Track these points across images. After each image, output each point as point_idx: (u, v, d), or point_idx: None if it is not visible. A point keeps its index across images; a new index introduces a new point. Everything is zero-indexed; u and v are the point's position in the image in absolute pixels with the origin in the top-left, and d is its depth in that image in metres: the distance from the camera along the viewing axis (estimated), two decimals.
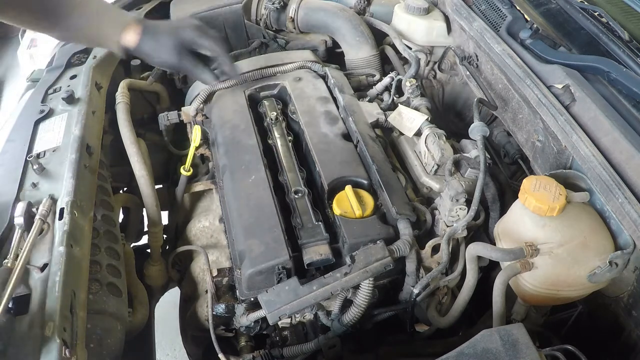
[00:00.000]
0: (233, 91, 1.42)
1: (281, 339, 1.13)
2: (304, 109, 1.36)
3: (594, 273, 0.96)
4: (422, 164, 1.28)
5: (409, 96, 1.45)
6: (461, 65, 1.55)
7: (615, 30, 1.29)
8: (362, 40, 1.66)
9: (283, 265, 1.02)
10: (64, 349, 0.79)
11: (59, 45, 1.58)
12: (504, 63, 1.29)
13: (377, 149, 1.25)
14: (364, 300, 1.03)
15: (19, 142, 1.18)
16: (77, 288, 0.90)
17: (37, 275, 0.89)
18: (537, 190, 0.99)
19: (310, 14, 1.73)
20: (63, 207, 1.00)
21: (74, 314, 0.86)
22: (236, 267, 1.10)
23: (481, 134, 1.18)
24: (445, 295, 1.12)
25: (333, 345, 1.07)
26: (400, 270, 1.09)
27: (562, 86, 1.17)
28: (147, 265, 1.35)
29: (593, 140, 1.05)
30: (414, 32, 1.68)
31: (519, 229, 1.03)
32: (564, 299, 1.03)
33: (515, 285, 1.04)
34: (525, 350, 0.80)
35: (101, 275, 1.03)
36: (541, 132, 1.21)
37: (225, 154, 1.26)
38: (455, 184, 1.09)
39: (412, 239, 1.08)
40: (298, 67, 1.50)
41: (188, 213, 1.38)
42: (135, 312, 1.15)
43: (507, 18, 1.41)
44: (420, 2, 1.67)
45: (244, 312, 1.07)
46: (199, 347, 1.20)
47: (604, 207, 1.02)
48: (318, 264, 1.05)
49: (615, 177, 0.97)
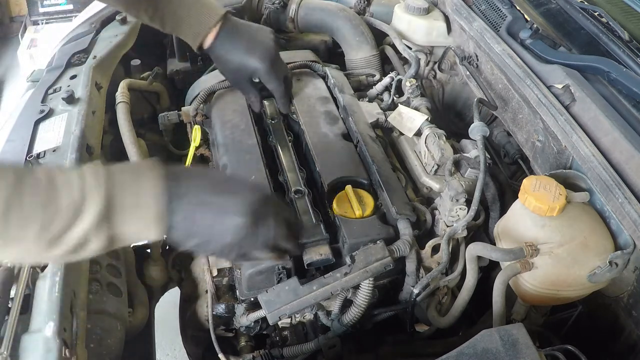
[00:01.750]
0: (233, 91, 1.42)
1: (281, 339, 1.13)
2: (304, 109, 1.36)
3: (594, 273, 0.96)
4: (422, 164, 1.28)
5: (409, 96, 1.45)
6: (461, 65, 1.55)
7: (615, 30, 1.29)
8: (362, 40, 1.66)
9: (283, 265, 1.02)
10: (64, 349, 0.79)
11: (59, 45, 1.58)
12: (504, 63, 1.29)
13: (377, 149, 1.25)
14: (364, 300, 1.03)
15: (19, 142, 1.18)
16: (77, 288, 0.90)
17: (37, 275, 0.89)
18: (537, 190, 0.99)
19: (310, 14, 1.73)
20: None
21: (74, 314, 0.86)
22: (236, 267, 1.10)
23: (481, 134, 1.18)
24: (445, 295, 1.12)
25: (333, 345, 1.07)
26: (400, 270, 1.09)
27: (562, 86, 1.17)
28: (147, 265, 1.35)
29: (593, 140, 1.05)
30: (414, 32, 1.68)
31: (519, 229, 1.03)
32: (564, 299, 1.03)
33: (515, 285, 1.04)
34: (525, 350, 0.80)
35: (101, 275, 1.03)
36: (541, 132, 1.21)
37: (225, 154, 1.26)
38: (455, 184, 1.09)
39: (412, 239, 1.08)
40: (298, 67, 1.50)
41: None
42: (135, 312, 1.15)
43: (507, 18, 1.41)
44: (420, 2, 1.67)
45: (244, 312, 1.07)
46: (199, 347, 1.20)
47: (604, 207, 1.02)
48: (318, 264, 1.05)
49: (615, 177, 0.97)
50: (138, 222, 0.71)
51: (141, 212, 0.71)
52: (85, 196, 0.67)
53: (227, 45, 1.19)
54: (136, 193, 0.71)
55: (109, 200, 0.68)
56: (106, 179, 0.70)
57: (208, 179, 0.81)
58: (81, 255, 0.70)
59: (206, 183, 0.79)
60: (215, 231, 0.78)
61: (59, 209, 0.66)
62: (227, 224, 0.78)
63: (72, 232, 0.67)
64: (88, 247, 0.69)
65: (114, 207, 0.69)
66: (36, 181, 0.66)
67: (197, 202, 0.76)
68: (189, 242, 0.78)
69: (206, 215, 0.77)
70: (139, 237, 0.74)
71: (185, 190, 0.76)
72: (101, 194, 0.68)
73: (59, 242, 0.67)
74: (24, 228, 0.64)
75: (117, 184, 0.70)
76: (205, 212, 0.77)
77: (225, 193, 0.80)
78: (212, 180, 0.81)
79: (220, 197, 0.79)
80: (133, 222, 0.71)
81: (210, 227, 0.78)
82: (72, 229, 0.66)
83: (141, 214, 0.71)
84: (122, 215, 0.69)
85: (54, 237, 0.66)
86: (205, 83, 1.45)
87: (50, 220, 0.65)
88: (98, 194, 0.68)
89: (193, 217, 0.76)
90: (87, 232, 0.67)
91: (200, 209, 0.76)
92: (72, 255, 0.69)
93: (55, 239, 0.66)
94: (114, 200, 0.69)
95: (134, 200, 0.71)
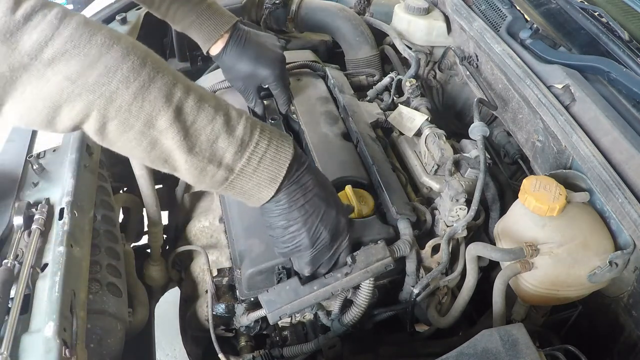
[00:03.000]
0: (233, 91, 1.42)
1: (281, 339, 1.13)
2: (304, 109, 1.36)
3: (594, 273, 0.96)
4: (422, 164, 1.28)
5: (409, 96, 1.45)
6: (461, 65, 1.55)
7: (615, 30, 1.29)
8: (362, 40, 1.66)
9: (283, 265, 1.02)
10: (64, 349, 0.79)
11: None
12: (504, 63, 1.29)
13: (377, 149, 1.25)
14: (364, 300, 1.03)
15: (19, 142, 1.18)
16: (77, 288, 0.90)
17: (37, 275, 0.89)
18: (537, 190, 0.99)
19: (310, 14, 1.73)
20: (63, 207, 1.00)
21: (74, 314, 0.86)
22: (236, 267, 1.10)
23: (481, 134, 1.18)
24: (445, 295, 1.12)
25: (333, 345, 1.07)
26: (400, 270, 1.09)
27: (562, 86, 1.17)
28: (147, 265, 1.35)
29: (593, 140, 1.05)
30: (414, 32, 1.68)
31: (519, 229, 1.03)
32: (564, 299, 1.03)
33: (515, 285, 1.04)
34: (525, 350, 0.80)
35: (101, 275, 1.03)
36: (541, 132, 1.21)
37: None
38: (455, 184, 1.09)
39: (412, 239, 1.08)
40: (298, 67, 1.50)
41: (188, 213, 1.38)
42: (135, 312, 1.15)
43: (507, 18, 1.41)
44: (420, 2, 1.67)
45: (244, 312, 1.07)
46: (199, 347, 1.20)
47: (604, 207, 1.02)
48: None
49: (615, 177, 0.97)
50: (263, 174, 0.79)
51: (268, 171, 0.79)
52: (246, 124, 0.77)
53: (237, 53, 1.21)
54: (277, 148, 0.80)
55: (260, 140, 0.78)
56: (261, 126, 0.79)
57: (320, 180, 0.89)
58: (206, 175, 0.76)
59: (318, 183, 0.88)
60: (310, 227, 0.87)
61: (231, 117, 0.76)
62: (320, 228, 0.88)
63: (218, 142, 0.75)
64: (211, 168, 0.75)
65: (258, 147, 0.78)
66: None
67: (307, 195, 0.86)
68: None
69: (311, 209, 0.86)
70: (251, 190, 0.81)
71: (305, 180, 0.85)
72: (255, 132, 0.78)
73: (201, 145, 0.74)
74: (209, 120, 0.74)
75: (267, 133, 0.79)
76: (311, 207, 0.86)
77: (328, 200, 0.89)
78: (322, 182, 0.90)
79: (323, 203, 0.88)
80: (259, 173, 0.79)
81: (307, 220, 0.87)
82: (219, 138, 0.75)
83: (268, 174, 0.80)
84: (255, 160, 0.78)
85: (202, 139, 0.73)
86: (205, 83, 1.45)
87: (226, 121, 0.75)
88: (253, 129, 0.78)
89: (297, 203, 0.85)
90: (226, 147, 0.75)
91: (308, 202, 0.86)
92: (200, 166, 0.75)
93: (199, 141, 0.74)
94: (260, 144, 0.78)
95: (272, 154, 0.79)
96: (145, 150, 0.72)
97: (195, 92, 0.75)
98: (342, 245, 0.94)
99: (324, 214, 0.87)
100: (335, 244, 0.92)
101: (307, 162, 0.85)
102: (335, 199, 0.92)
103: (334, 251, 0.94)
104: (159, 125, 0.70)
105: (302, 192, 0.84)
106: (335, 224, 0.90)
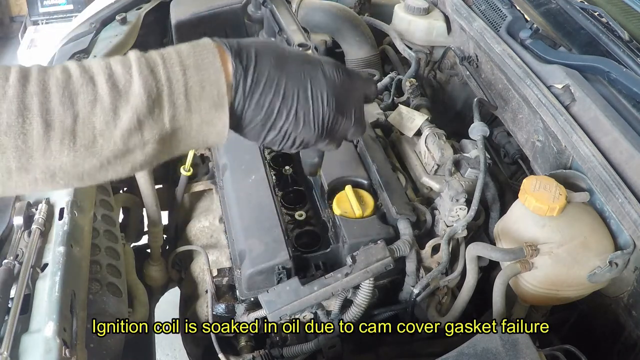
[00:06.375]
0: None
1: (281, 339, 1.13)
2: None
3: (594, 273, 0.96)
4: (422, 164, 1.28)
5: (409, 96, 1.45)
6: (461, 65, 1.55)
7: (615, 30, 1.29)
8: (362, 40, 1.66)
9: (283, 265, 1.02)
10: (64, 349, 0.79)
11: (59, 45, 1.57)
12: (504, 63, 1.29)
13: (377, 149, 1.25)
14: (364, 300, 1.03)
15: None
16: (77, 288, 0.90)
17: (37, 275, 0.89)
18: (537, 190, 0.99)
19: (310, 14, 1.73)
20: (63, 207, 1.00)
21: (74, 314, 0.86)
22: (236, 267, 1.10)
23: (481, 134, 1.18)
24: (445, 295, 1.12)
25: (333, 345, 1.07)
26: (400, 270, 1.09)
27: (562, 86, 1.17)
28: (147, 265, 1.35)
29: (593, 140, 1.05)
30: (414, 32, 1.68)
31: (519, 229, 1.03)
32: (564, 299, 1.03)
33: (515, 285, 1.04)
34: (525, 350, 0.80)
35: (101, 275, 1.03)
36: (541, 132, 1.21)
37: (225, 154, 1.26)
38: (455, 184, 1.09)
39: (412, 239, 1.08)
40: None
41: (188, 213, 1.38)
42: (135, 312, 1.15)
43: (507, 18, 1.41)
44: (420, 2, 1.67)
45: (244, 312, 1.07)
46: (199, 347, 1.20)
47: (604, 207, 1.02)
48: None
49: (615, 177, 0.97)
50: (204, 104, 0.58)
51: (206, 92, 0.58)
52: (131, 79, 0.55)
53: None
54: (198, 68, 0.59)
55: (166, 82, 0.57)
56: (155, 59, 0.59)
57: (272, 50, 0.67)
58: (126, 168, 0.60)
59: (272, 55, 0.66)
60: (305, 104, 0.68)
61: (97, 98, 0.54)
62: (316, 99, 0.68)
63: (115, 128, 0.55)
64: (135, 151, 0.57)
65: (171, 89, 0.57)
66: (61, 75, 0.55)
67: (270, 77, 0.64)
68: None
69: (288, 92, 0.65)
70: (202, 131, 0.61)
71: (258, 66, 0.64)
72: (151, 75, 0.56)
73: (97, 144, 0.55)
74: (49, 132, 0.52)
75: (170, 62, 0.59)
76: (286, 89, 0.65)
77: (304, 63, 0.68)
78: (277, 52, 0.67)
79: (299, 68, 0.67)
80: (198, 106, 0.58)
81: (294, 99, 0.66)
82: (114, 122, 0.54)
83: (206, 94, 0.58)
84: (181, 98, 0.57)
85: (90, 138, 0.54)
86: None
87: (87, 115, 0.53)
88: (145, 75, 0.56)
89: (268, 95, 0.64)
90: (133, 126, 0.55)
91: (274, 85, 0.65)
92: (116, 167, 0.58)
93: (92, 141, 0.54)
94: (170, 81, 0.57)
95: (197, 78, 0.58)
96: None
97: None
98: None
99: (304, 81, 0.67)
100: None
101: (247, 50, 0.64)
102: (295, 58, 0.69)
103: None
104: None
105: (269, 87, 0.64)
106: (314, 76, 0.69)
